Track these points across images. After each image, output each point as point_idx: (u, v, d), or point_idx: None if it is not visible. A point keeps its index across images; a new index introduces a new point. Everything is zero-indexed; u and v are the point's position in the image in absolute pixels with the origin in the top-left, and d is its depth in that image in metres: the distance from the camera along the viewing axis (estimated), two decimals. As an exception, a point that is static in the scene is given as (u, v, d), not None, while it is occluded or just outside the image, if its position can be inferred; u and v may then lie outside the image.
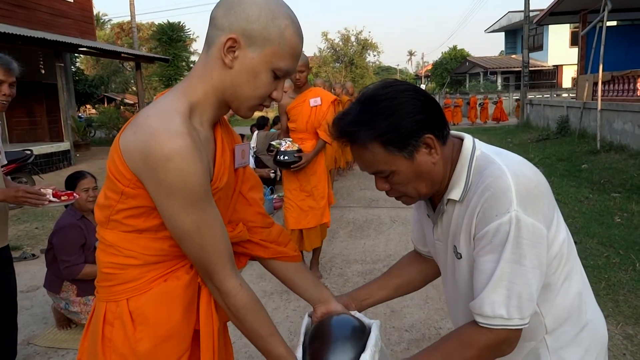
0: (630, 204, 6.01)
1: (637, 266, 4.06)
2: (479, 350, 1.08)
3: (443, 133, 1.12)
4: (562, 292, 1.13)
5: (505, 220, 1.02)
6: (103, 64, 29.51)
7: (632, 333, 3.09)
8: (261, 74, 1.10)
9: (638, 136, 9.03)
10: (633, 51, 12.99)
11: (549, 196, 1.10)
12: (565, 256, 1.13)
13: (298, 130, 4.04)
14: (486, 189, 1.06)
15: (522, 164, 1.11)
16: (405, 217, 6.25)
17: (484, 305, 1.05)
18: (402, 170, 1.11)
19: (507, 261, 1.03)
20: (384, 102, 1.09)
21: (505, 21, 33.26)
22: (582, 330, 1.15)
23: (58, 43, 10.65)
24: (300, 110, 4.00)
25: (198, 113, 1.13)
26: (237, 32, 1.06)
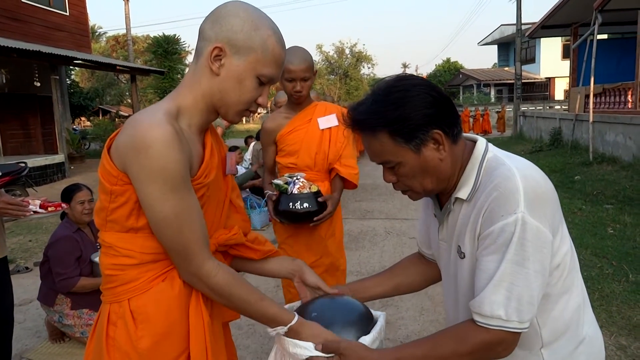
0: (622, 215, 6.06)
1: (630, 277, 4.08)
2: (472, 347, 1.07)
3: (453, 131, 1.13)
4: (560, 304, 1.12)
5: (511, 220, 1.02)
6: (98, 77, 29.55)
7: (626, 344, 3.10)
8: (246, 80, 1.18)
9: (630, 148, 9.12)
10: (623, 64, 13.15)
11: (556, 205, 1.10)
12: (568, 269, 1.12)
13: (301, 167, 2.61)
14: (494, 189, 1.06)
15: (532, 169, 1.11)
16: (400, 228, 6.27)
17: (483, 305, 1.05)
18: (408, 162, 1.13)
19: (509, 262, 1.02)
20: (396, 94, 1.11)
21: (498, 34, 33.68)
22: (580, 346, 1.14)
23: (53, 56, 10.67)
24: (304, 135, 2.59)
25: (186, 116, 1.21)
26: (222, 41, 1.16)
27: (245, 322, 3.68)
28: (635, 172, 8.04)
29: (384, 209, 7.38)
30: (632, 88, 10.71)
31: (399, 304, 3.78)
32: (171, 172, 1.08)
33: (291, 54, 2.34)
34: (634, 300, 3.68)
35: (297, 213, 2.42)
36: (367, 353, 1.14)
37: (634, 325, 3.31)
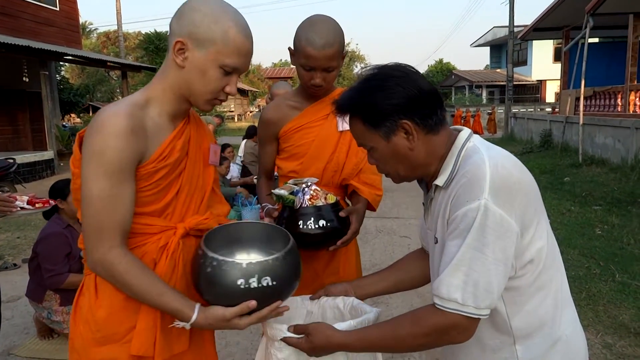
0: (610, 216, 6.13)
1: (616, 277, 4.14)
2: (427, 329, 1.09)
3: (427, 122, 1.15)
4: (535, 300, 1.12)
5: (474, 206, 1.03)
6: (88, 73, 29.34)
7: (611, 342, 3.14)
8: (209, 71, 1.24)
9: (618, 150, 9.22)
10: (614, 67, 13.30)
11: (530, 198, 1.10)
12: (543, 265, 1.12)
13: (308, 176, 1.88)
14: (463, 175, 1.09)
15: (508, 160, 1.12)
16: (390, 227, 6.29)
17: (440, 287, 1.07)
18: (379, 148, 1.19)
19: (468, 247, 1.04)
20: (372, 82, 1.17)
21: (490, 36, 33.88)
22: (555, 344, 1.14)
23: (43, 51, 10.57)
24: (316, 135, 1.93)
25: (157, 105, 1.28)
26: (184, 35, 1.22)
27: (235, 319, 3.67)
28: (624, 175, 8.14)
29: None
30: (621, 91, 10.84)
31: (389, 302, 3.80)
32: (108, 158, 1.15)
33: (314, 32, 1.70)
34: (620, 299, 3.73)
35: (310, 235, 1.66)
36: (332, 332, 1.21)
37: (620, 324, 3.36)
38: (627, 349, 3.06)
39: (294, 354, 1.26)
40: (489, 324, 1.14)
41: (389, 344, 1.17)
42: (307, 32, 1.70)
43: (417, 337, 1.11)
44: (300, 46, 1.72)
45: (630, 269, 4.31)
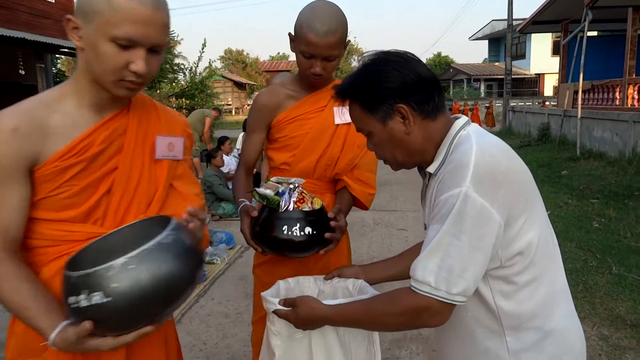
0: (608, 209, 6.14)
1: (613, 270, 4.15)
2: (400, 309, 1.11)
3: (424, 107, 1.16)
4: (525, 291, 1.12)
5: (455, 193, 1.04)
6: (86, 66, 29.13)
7: (607, 334, 3.15)
8: (100, 46, 1.08)
9: (616, 144, 9.23)
10: (612, 61, 13.29)
11: (519, 188, 1.09)
12: (535, 257, 1.11)
13: (294, 170, 1.86)
14: (450, 162, 1.11)
15: (497, 148, 1.11)
16: (388, 220, 6.29)
17: (416, 269, 1.09)
18: (376, 132, 1.20)
19: (446, 232, 1.05)
20: (371, 67, 1.19)
21: (489, 29, 33.76)
22: (547, 338, 1.13)
23: (39, 43, 10.51)
24: (312, 127, 1.84)
25: (74, 98, 1.18)
26: (75, 13, 1.11)
27: (234, 310, 3.68)
28: (621, 168, 8.15)
29: (373, 201, 7.41)
30: (620, 85, 10.83)
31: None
32: None
33: (317, 18, 1.62)
34: (617, 292, 3.74)
35: (294, 242, 1.55)
36: (317, 305, 1.25)
37: (616, 316, 3.37)
38: (623, 340, 3.07)
39: (285, 326, 1.30)
40: (479, 313, 1.14)
41: (364, 320, 1.19)
42: (309, 18, 1.63)
43: (391, 316, 1.13)
44: (301, 32, 1.65)
45: (627, 262, 4.32)
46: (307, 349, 1.30)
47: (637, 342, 3.04)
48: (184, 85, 18.95)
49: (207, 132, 9.83)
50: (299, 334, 1.30)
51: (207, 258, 4.83)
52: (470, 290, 1.06)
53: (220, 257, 4.84)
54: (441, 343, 1.28)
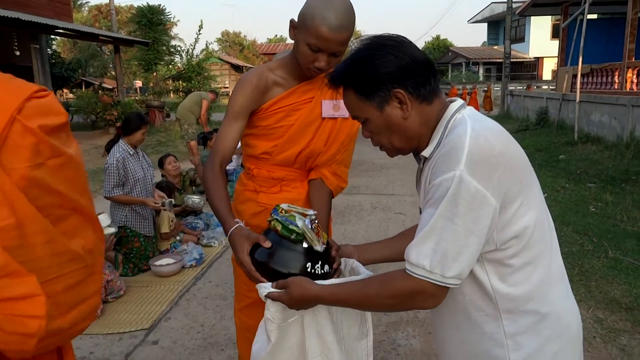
0: (604, 194, 6.16)
1: (609, 253, 4.17)
2: (393, 291, 1.12)
3: (420, 91, 1.15)
4: (521, 274, 1.12)
5: (448, 176, 1.04)
6: (80, 47, 28.83)
7: (603, 317, 3.18)
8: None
9: (614, 128, 9.22)
10: (612, 44, 13.21)
11: (515, 172, 1.08)
12: (531, 240, 1.10)
13: (275, 160, 1.82)
14: (444, 146, 1.10)
15: (492, 131, 1.10)
16: (386, 204, 6.30)
17: (411, 252, 1.09)
18: (373, 119, 1.19)
19: (440, 216, 1.04)
20: (364, 52, 1.17)
21: (488, 12, 33.50)
22: (543, 320, 1.13)
23: (33, 24, 10.36)
24: (297, 119, 1.78)
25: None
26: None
27: (231, 292, 3.70)
28: (619, 152, 8.16)
29: (371, 185, 7.41)
30: (619, 69, 10.78)
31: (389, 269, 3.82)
32: None
33: (332, 10, 1.52)
34: (612, 275, 3.77)
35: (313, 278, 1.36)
36: (309, 285, 1.26)
37: (611, 299, 3.40)
38: (618, 323, 3.10)
39: (279, 312, 1.30)
40: (476, 297, 1.14)
41: (357, 301, 1.21)
42: (323, 10, 1.52)
43: (385, 298, 1.14)
44: (312, 24, 1.54)
45: (623, 246, 4.35)
46: (300, 332, 1.32)
47: (631, 325, 3.07)
48: (180, 68, 18.79)
49: (204, 115, 9.76)
50: (292, 318, 1.31)
51: (204, 241, 4.84)
52: (464, 274, 1.07)
53: (217, 240, 4.85)
54: (438, 327, 1.28)
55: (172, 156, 5.35)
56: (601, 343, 2.89)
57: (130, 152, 4.08)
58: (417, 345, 2.93)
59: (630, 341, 2.91)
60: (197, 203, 5.18)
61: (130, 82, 28.43)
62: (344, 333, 1.36)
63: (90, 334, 3.13)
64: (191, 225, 5.08)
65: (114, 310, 3.47)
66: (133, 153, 4.10)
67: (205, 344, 3.00)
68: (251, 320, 1.89)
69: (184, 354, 2.89)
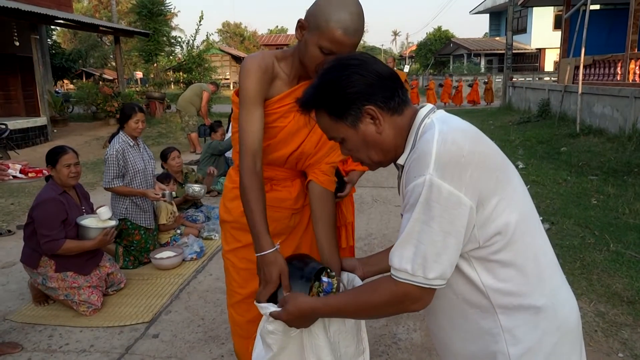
0: (606, 186, 6.13)
1: (611, 247, 4.16)
2: (381, 298, 1.15)
3: (390, 104, 1.18)
4: (510, 269, 1.12)
5: (419, 182, 1.07)
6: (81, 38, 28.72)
7: (604, 311, 3.17)
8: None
9: (616, 120, 9.17)
10: (614, 35, 13.09)
11: (487, 169, 1.09)
12: (514, 235, 1.11)
13: (272, 161, 1.81)
14: (414, 152, 1.13)
15: (460, 132, 1.12)
16: (386, 196, 6.28)
17: (393, 257, 1.12)
18: (349, 138, 1.22)
19: (416, 220, 1.08)
20: (331, 74, 1.20)
21: (490, 2, 33.26)
22: (539, 313, 1.14)
23: (33, 14, 10.29)
24: (289, 122, 1.75)
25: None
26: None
27: (231, 286, 3.69)
28: (621, 144, 8.12)
29: (371, 178, 7.39)
30: (621, 60, 10.70)
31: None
32: None
33: (348, 14, 1.48)
34: (614, 269, 3.75)
35: None
36: (303, 299, 1.31)
37: (613, 292, 3.39)
38: (620, 317, 3.09)
39: (282, 324, 1.35)
40: (469, 295, 1.16)
41: (350, 309, 1.23)
42: (339, 12, 1.47)
43: (375, 305, 1.17)
44: (327, 27, 1.48)
45: (625, 239, 4.33)
46: (300, 342, 1.38)
47: (633, 319, 3.06)
48: (181, 59, 18.71)
49: (204, 107, 9.73)
50: (293, 332, 1.36)
51: (205, 234, 4.83)
52: (447, 274, 1.09)
53: (218, 233, 4.84)
54: (436, 330, 1.29)
55: (176, 151, 5.30)
56: (602, 337, 2.89)
57: (130, 144, 4.05)
58: (417, 339, 2.92)
59: (632, 335, 2.90)
60: (198, 192, 5.15)
61: (130, 73, 28.33)
62: (341, 352, 1.42)
63: (90, 326, 3.13)
64: (192, 218, 5.08)
65: (115, 303, 3.47)
66: (133, 144, 4.08)
67: (205, 337, 3.00)
68: (240, 317, 1.93)
69: (185, 347, 2.89)
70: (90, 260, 3.40)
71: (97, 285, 3.38)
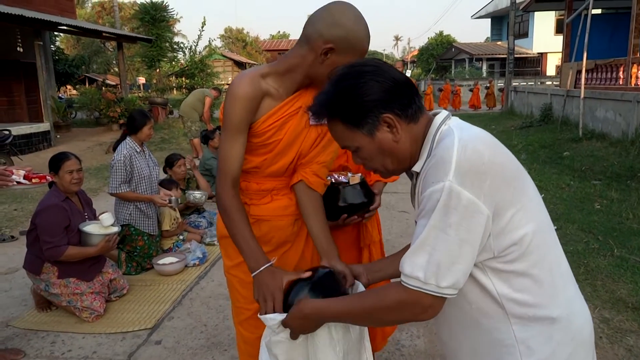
0: (610, 191, 6.11)
1: (615, 252, 4.14)
2: (389, 303, 1.12)
3: (407, 112, 1.16)
4: (526, 279, 1.10)
5: (438, 188, 1.04)
6: (84, 44, 28.88)
7: (609, 317, 3.15)
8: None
9: (619, 124, 9.15)
10: (616, 40, 13.08)
11: (505, 179, 1.08)
12: (530, 246, 1.09)
13: (269, 174, 1.76)
14: (433, 157, 1.11)
15: (479, 140, 1.10)
16: (389, 202, 6.28)
17: (405, 264, 1.09)
18: (364, 146, 1.19)
19: (432, 227, 1.05)
20: (346, 82, 1.16)
21: (491, 7, 33.31)
22: (554, 324, 1.12)
23: (37, 20, 10.35)
24: (286, 131, 1.69)
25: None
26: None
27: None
28: (624, 149, 8.10)
29: (374, 182, 7.39)
30: (624, 64, 10.69)
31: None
32: None
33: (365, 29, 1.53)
34: (618, 274, 3.74)
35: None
36: (306, 302, 1.29)
37: (617, 298, 3.37)
38: (625, 323, 3.07)
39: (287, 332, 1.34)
40: (483, 304, 1.14)
41: (356, 315, 1.21)
42: (361, 28, 1.51)
43: (381, 311, 1.14)
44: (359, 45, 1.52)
45: (629, 244, 4.31)
46: (306, 351, 1.37)
47: (638, 325, 3.04)
48: (183, 64, 18.78)
49: (207, 112, 9.75)
50: (299, 339, 1.35)
51: (207, 239, 4.83)
52: (460, 283, 1.07)
53: (221, 238, 4.83)
54: (447, 339, 1.27)
55: (182, 159, 5.29)
56: (607, 344, 2.87)
57: (137, 150, 4.07)
58: (421, 346, 2.91)
59: (637, 342, 2.88)
60: (199, 198, 5.15)
61: (133, 79, 28.44)
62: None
63: (93, 333, 3.12)
64: (194, 224, 5.07)
65: (117, 309, 3.46)
66: (140, 151, 4.09)
67: (208, 344, 2.99)
68: (250, 334, 1.86)
69: (187, 354, 2.88)
70: (93, 266, 3.40)
71: (99, 291, 3.38)
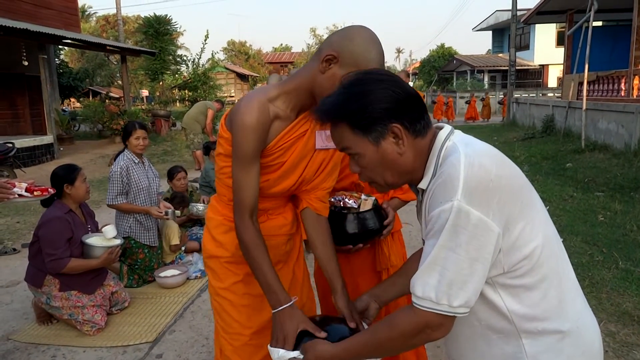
0: (613, 202, 6.09)
1: (619, 264, 4.11)
2: (403, 329, 1.11)
3: (415, 126, 1.15)
4: (535, 293, 1.10)
5: (446, 207, 1.03)
6: (88, 57, 29.09)
7: (615, 330, 3.12)
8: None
9: (622, 136, 9.15)
10: (618, 51, 13.13)
11: (513, 193, 1.07)
12: (539, 259, 1.09)
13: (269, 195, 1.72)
14: (439, 176, 1.09)
15: (486, 156, 1.09)
16: (392, 213, 6.25)
17: (416, 285, 1.08)
18: (367, 154, 1.18)
19: (442, 247, 1.04)
20: (359, 87, 1.16)
21: (492, 20, 33.50)
22: (565, 337, 1.12)
23: (41, 34, 10.46)
24: (292, 152, 1.66)
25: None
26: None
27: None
28: (627, 160, 8.08)
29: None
30: (625, 76, 10.72)
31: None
32: None
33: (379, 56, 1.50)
34: (624, 287, 3.70)
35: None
36: (323, 346, 1.28)
37: (623, 312, 3.34)
38: (631, 337, 3.04)
39: None
40: (493, 321, 1.13)
41: (371, 349, 1.19)
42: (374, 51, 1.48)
43: (395, 339, 1.13)
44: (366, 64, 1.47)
45: (634, 256, 4.28)
46: None
47: (644, 338, 3.01)
48: (186, 77, 18.89)
49: (209, 125, 9.79)
50: None
51: (209, 251, 4.81)
52: (472, 301, 1.06)
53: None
54: (455, 355, 1.26)
55: (183, 172, 5.31)
56: (613, 357, 2.84)
57: (135, 161, 4.07)
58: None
59: (643, 355, 2.85)
60: (202, 212, 5.16)
61: (136, 92, 28.59)
62: None
63: (94, 346, 3.10)
64: (196, 236, 5.06)
65: (119, 322, 3.44)
66: (138, 162, 4.09)
67: (209, 357, 2.96)
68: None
69: (189, 367, 2.86)
70: (94, 279, 3.39)
71: (101, 304, 3.36)
